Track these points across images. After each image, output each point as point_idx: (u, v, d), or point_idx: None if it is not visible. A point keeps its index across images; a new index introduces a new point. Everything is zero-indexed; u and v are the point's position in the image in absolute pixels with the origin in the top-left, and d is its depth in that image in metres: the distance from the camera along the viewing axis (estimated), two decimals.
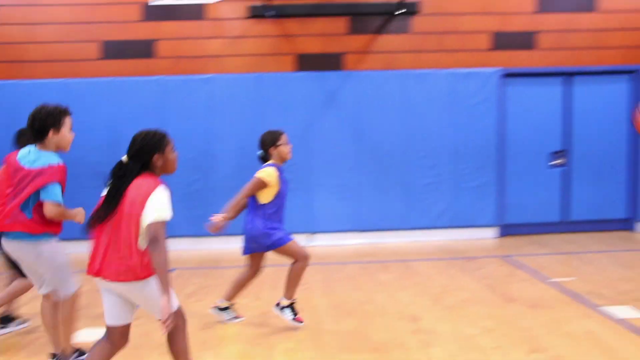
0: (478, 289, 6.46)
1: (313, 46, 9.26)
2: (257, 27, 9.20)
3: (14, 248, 4.23)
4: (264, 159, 5.40)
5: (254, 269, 5.44)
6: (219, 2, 8.86)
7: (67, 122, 4.18)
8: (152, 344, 4.82)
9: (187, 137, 8.71)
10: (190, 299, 6.28)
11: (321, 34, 9.26)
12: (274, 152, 5.36)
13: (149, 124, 8.52)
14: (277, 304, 5.36)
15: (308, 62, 9.25)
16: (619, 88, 9.58)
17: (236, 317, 5.54)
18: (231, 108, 8.98)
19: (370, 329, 5.28)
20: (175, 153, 3.65)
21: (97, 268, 3.44)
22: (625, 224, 9.66)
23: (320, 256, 8.13)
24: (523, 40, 9.45)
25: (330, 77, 9.13)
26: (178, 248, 8.53)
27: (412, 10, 9.20)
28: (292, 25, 9.23)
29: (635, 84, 9.53)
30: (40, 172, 4.04)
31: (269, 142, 5.36)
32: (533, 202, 9.47)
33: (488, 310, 5.71)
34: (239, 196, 5.24)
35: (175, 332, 3.55)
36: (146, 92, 8.92)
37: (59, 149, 4.18)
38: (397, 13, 9.14)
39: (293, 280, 5.28)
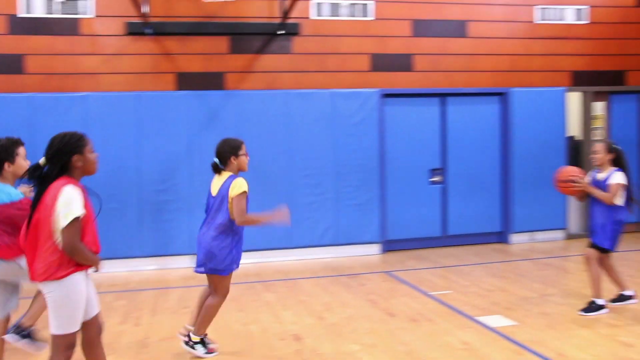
0: (361, 305, 6.54)
1: (194, 65, 9.12)
2: (136, 44, 8.94)
3: None
4: (218, 168, 5.01)
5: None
6: (95, 17, 8.54)
7: (21, 151, 4.58)
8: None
9: None
10: None
11: (202, 53, 9.14)
12: (234, 161, 4.99)
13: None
14: (187, 342, 4.99)
15: (189, 81, 9.09)
16: (491, 108, 10.13)
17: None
18: (108, 128, 8.63)
19: (254, 350, 5.20)
20: (95, 154, 3.64)
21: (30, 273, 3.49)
22: (500, 237, 10.18)
23: (203, 278, 7.93)
24: (400, 63, 9.79)
25: (211, 96, 9.02)
26: None
27: (293, 31, 9.31)
28: (172, 43, 9.05)
29: (505, 105, 10.11)
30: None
31: (229, 151, 4.97)
32: (414, 218, 9.77)
33: (370, 325, 5.78)
34: (252, 215, 4.97)
35: (92, 341, 3.58)
36: (15, 110, 8.40)
37: (16, 178, 4.52)
38: (278, 33, 9.21)
39: (209, 316, 4.98)
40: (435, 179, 9.93)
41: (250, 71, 9.28)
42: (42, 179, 3.47)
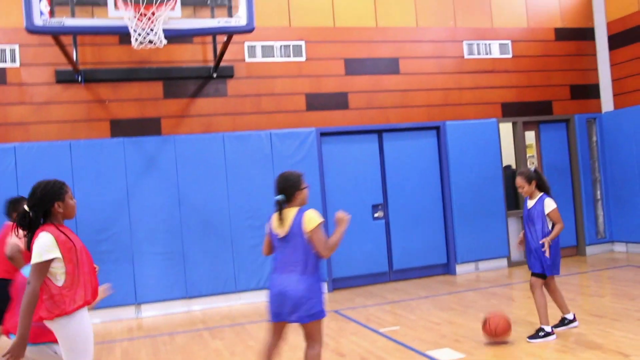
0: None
1: (128, 111, 8.97)
2: (66, 92, 8.75)
3: None
4: (281, 204, 4.48)
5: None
6: (22, 66, 8.33)
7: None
8: None
9: None
10: None
11: (136, 99, 9.01)
12: (298, 196, 4.52)
13: None
14: None
15: (124, 128, 8.92)
16: (427, 142, 10.33)
17: None
18: (40, 178, 8.32)
19: None
20: (74, 200, 3.87)
21: None
22: (445, 268, 10.28)
23: (148, 328, 7.69)
24: (336, 101, 9.90)
25: (148, 142, 8.86)
26: None
27: (227, 74, 9.31)
28: (105, 90, 8.89)
29: (440, 138, 10.33)
30: None
31: (293, 185, 4.50)
32: (360, 255, 9.76)
33: None
34: (332, 240, 4.43)
35: None
36: None
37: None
38: (212, 76, 9.19)
39: None
40: (378, 214, 9.99)
41: (186, 115, 9.20)
42: (29, 226, 3.68)
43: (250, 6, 7.35)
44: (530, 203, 6.21)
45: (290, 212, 4.46)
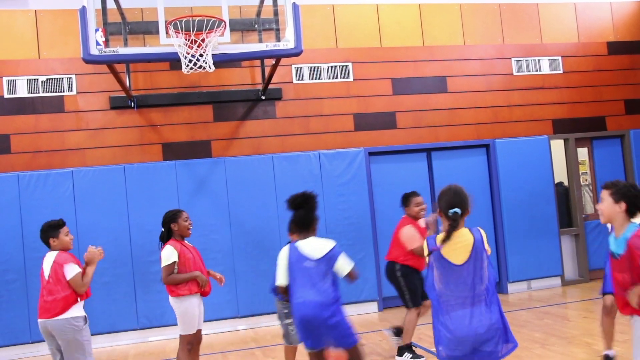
0: None
1: (179, 135, 9.19)
2: (120, 118, 9.02)
3: None
4: (457, 220, 3.87)
5: None
6: (78, 94, 8.65)
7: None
8: None
9: None
10: None
11: (187, 122, 9.22)
12: (465, 215, 3.90)
13: (9, 221, 8.08)
14: None
15: (175, 151, 9.14)
16: (476, 160, 10.22)
17: None
18: (97, 201, 8.60)
19: None
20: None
21: None
22: (497, 287, 10.03)
23: (202, 346, 7.77)
24: (384, 121, 9.91)
25: (198, 165, 9.04)
26: (44, 353, 7.94)
27: (275, 96, 9.44)
28: (157, 114, 9.13)
29: (490, 156, 10.22)
30: None
31: (465, 202, 3.94)
32: None
33: None
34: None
35: None
36: (3, 189, 8.37)
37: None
38: (261, 99, 9.34)
39: None
40: (428, 233, 9.88)
41: (235, 137, 9.36)
42: None
43: (297, 29, 7.46)
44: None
45: (465, 232, 3.83)
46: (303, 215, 4.54)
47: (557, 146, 10.79)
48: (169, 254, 5.65)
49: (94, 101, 8.98)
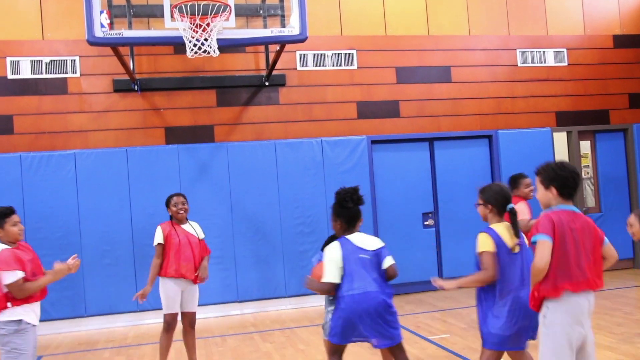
0: (360, 353, 6.43)
1: (182, 119, 9.19)
2: (124, 101, 9.02)
3: None
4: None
5: None
6: (81, 76, 8.65)
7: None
8: None
9: (53, 215, 8.37)
10: None
11: (190, 107, 9.22)
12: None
13: (11, 202, 8.13)
14: None
15: (178, 135, 9.14)
16: (479, 151, 10.22)
17: None
18: (99, 184, 8.63)
19: None
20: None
21: None
22: None
23: (201, 330, 7.82)
24: (387, 109, 9.91)
25: (201, 149, 9.06)
26: (44, 332, 8.01)
27: (279, 82, 9.44)
28: (160, 98, 9.13)
29: (493, 147, 10.21)
30: None
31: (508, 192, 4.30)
32: (409, 262, 9.69)
33: None
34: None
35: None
36: (5, 170, 8.40)
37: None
38: (264, 85, 9.33)
39: None
40: (428, 222, 9.93)
41: (238, 123, 9.36)
42: None
43: (303, 16, 7.45)
44: None
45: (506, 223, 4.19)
46: (357, 211, 4.46)
47: (560, 139, 10.78)
48: (155, 235, 6.00)
49: (98, 84, 8.98)
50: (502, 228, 4.12)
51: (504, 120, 10.37)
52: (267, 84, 9.37)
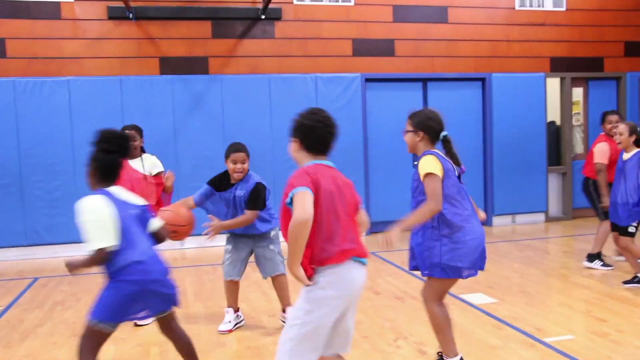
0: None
1: (177, 49, 9.13)
2: (118, 29, 8.93)
3: None
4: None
5: None
6: (75, 1, 8.53)
7: None
8: None
9: (47, 142, 8.41)
10: (58, 308, 5.96)
11: (185, 37, 9.15)
12: None
13: (5, 127, 8.12)
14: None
15: (172, 66, 9.11)
16: (472, 93, 10.28)
17: None
18: (92, 112, 8.64)
19: (245, 326, 5.31)
20: None
21: None
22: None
23: (192, 259, 8.03)
24: (382, 48, 9.87)
25: (195, 81, 9.05)
26: (40, 256, 8.17)
27: (275, 16, 9.35)
28: (155, 27, 9.05)
29: (486, 90, 10.26)
30: None
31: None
32: (398, 201, 9.83)
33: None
34: None
35: None
36: (0, 94, 8.37)
37: None
38: (260, 18, 9.25)
39: None
40: (418, 162, 10.03)
41: (233, 55, 9.32)
42: None
43: None
44: (626, 156, 6.15)
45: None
46: (118, 160, 3.76)
47: (553, 84, 10.83)
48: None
49: (92, 10, 8.87)
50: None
51: (498, 64, 10.37)
52: (263, 17, 9.28)
